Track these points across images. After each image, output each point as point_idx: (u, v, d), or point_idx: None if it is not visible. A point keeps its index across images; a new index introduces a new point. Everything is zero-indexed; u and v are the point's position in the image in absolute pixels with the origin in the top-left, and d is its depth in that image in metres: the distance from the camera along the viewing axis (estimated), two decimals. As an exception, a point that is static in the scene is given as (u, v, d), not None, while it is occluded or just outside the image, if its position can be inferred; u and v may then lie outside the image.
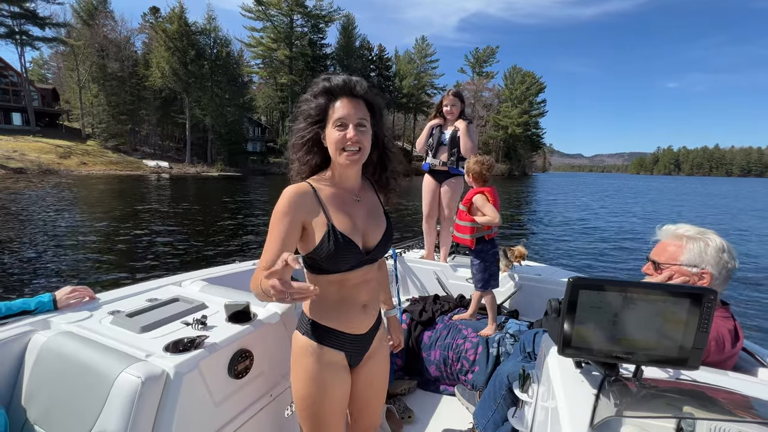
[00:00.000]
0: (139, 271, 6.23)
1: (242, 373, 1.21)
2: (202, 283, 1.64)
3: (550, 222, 14.31)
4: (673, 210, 20.96)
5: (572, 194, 31.81)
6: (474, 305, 2.69)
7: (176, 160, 41.28)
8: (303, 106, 1.08)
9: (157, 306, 1.36)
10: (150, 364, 1.01)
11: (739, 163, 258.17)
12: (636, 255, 8.85)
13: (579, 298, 0.84)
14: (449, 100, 3.05)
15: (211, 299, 1.48)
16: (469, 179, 2.51)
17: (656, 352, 0.84)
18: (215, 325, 1.26)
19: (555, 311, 0.93)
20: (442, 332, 2.55)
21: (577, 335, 0.86)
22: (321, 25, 51.84)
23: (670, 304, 0.83)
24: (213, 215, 12.43)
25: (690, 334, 0.82)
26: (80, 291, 1.37)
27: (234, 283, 1.89)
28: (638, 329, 0.84)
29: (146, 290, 1.56)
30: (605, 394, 0.85)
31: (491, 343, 2.37)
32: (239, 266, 2.19)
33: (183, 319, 1.29)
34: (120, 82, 39.56)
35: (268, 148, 51.79)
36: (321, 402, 1.11)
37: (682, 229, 1.26)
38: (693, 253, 1.19)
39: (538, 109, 73.72)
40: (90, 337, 1.12)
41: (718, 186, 65.36)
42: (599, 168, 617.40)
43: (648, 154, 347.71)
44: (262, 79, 53.98)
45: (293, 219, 1.01)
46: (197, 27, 41.95)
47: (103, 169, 32.26)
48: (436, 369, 2.46)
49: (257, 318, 1.34)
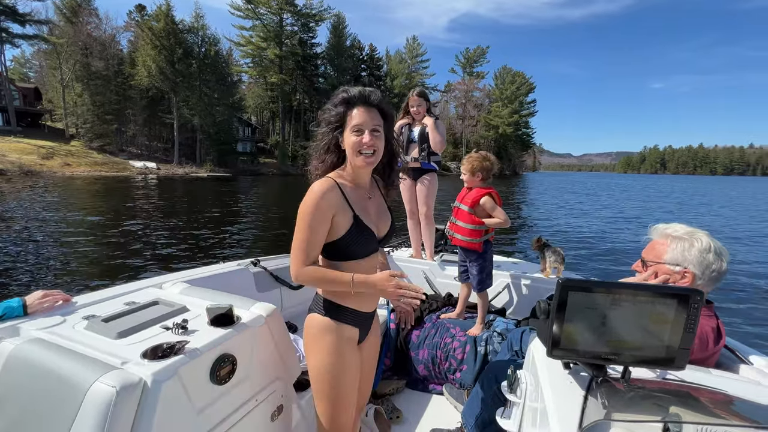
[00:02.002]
0: (118, 274, 6.00)
1: (225, 379, 1.17)
2: (184, 285, 1.58)
3: (540, 220, 14.46)
4: (664, 209, 21.34)
5: (563, 193, 32.15)
6: (462, 304, 2.69)
7: (164, 160, 40.58)
8: (325, 114, 1.21)
9: (135, 310, 1.31)
10: (126, 372, 0.96)
11: (722, 162, 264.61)
12: (626, 254, 8.98)
13: (568, 299, 0.84)
14: (414, 100, 3.10)
15: (192, 302, 1.43)
16: (474, 179, 2.42)
17: (644, 352, 0.85)
18: (197, 330, 1.22)
19: (544, 312, 0.92)
20: (431, 331, 2.55)
21: (565, 337, 0.86)
22: (311, 24, 51.53)
23: (658, 305, 0.83)
24: (199, 216, 12.00)
25: (677, 334, 0.83)
26: (53, 295, 1.30)
27: (217, 284, 1.84)
28: (626, 330, 0.84)
29: (124, 293, 1.50)
30: (593, 396, 0.85)
31: (479, 342, 2.37)
32: (222, 267, 2.12)
33: (163, 323, 1.24)
34: (105, 81, 38.69)
35: (258, 148, 51.30)
36: (342, 375, 1.23)
37: (671, 228, 1.28)
38: (676, 252, 1.22)
39: (528, 109, 74.49)
40: (61, 344, 1.07)
41: (707, 184, 66.80)
42: (588, 167, 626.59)
43: (635, 154, 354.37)
44: (251, 79, 53.45)
45: (325, 212, 1.13)
46: (185, 25, 41.25)
47: (87, 171, 31.54)
48: (425, 368, 2.45)
49: (241, 321, 1.30)
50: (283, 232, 9.80)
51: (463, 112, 71.53)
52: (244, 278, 2.11)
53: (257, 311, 1.38)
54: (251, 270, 2.17)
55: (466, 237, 2.42)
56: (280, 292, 2.31)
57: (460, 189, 2.55)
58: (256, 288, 2.14)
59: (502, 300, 2.99)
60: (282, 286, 2.32)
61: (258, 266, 2.18)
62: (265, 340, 1.37)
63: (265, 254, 2.43)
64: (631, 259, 1.44)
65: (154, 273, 5.20)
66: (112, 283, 2.52)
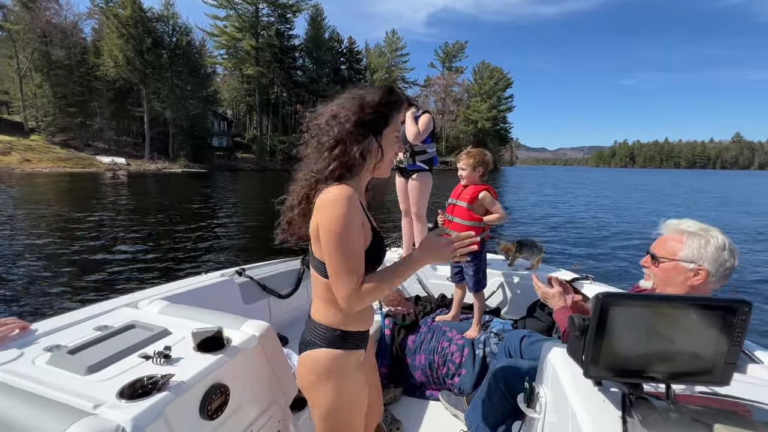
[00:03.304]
0: (86, 292, 5.08)
1: (217, 412, 1.04)
2: (164, 303, 1.42)
3: (525, 214, 14.67)
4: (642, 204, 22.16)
5: (544, 187, 32.92)
6: (457, 306, 2.64)
7: (134, 156, 38.76)
8: (366, 112, 1.05)
9: (108, 336, 1.14)
10: (100, 418, 0.81)
11: (685, 156, 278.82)
12: (614, 245, 9.15)
13: (608, 315, 0.79)
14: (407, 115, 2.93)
15: (175, 323, 1.27)
16: (474, 174, 2.32)
17: (687, 368, 0.81)
18: (182, 357, 1.07)
19: (579, 329, 0.85)
20: (426, 336, 2.49)
21: (604, 355, 0.81)
22: (288, 15, 50.23)
23: (702, 318, 0.79)
24: (176, 217, 11.12)
25: (722, 348, 0.79)
26: (6, 324, 1.11)
27: (201, 299, 1.68)
28: (669, 345, 0.81)
29: (94, 315, 1.32)
30: (631, 415, 0.81)
31: (476, 344, 2.33)
32: (205, 279, 1.95)
33: (141, 351, 1.09)
34: (67, 72, 36.39)
35: (235, 143, 49.84)
36: (356, 406, 1.13)
37: (685, 224, 1.24)
38: (692, 249, 1.18)
39: (506, 104, 75.75)
40: (18, 386, 0.90)
41: (676, 177, 70.20)
42: (562, 161, 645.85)
43: (606, 148, 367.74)
44: (226, 71, 51.69)
45: (359, 219, 1.00)
46: (153, 13, 39.31)
47: (50, 167, 29.69)
48: (422, 374, 2.38)
49: (231, 344, 1.16)
50: (266, 235, 9.24)
51: (442, 107, 71.93)
52: (229, 290, 1.95)
53: (249, 330, 1.25)
54: (236, 280, 2.02)
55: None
56: (268, 302, 2.17)
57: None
58: (242, 300, 1.99)
59: (497, 299, 2.96)
60: (270, 296, 2.19)
61: (243, 276, 2.03)
62: (259, 363, 1.24)
63: (250, 259, 2.28)
64: (631, 251, 1.41)
65: (128, 289, 4.64)
66: (79, 304, 2.23)
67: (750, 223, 13.57)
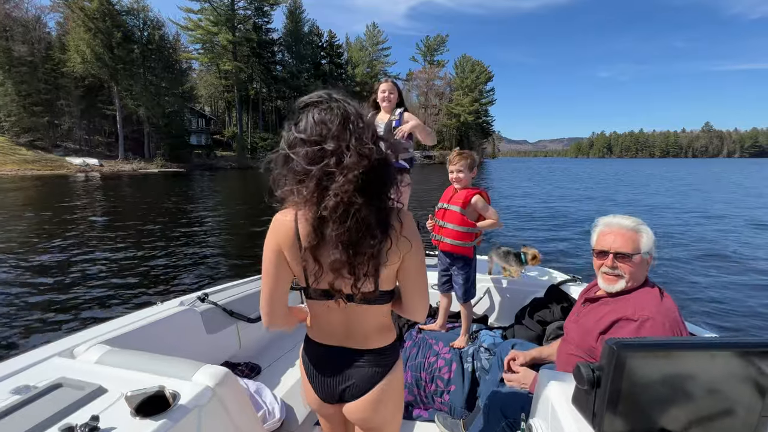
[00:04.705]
0: (16, 335, 3.91)
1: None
2: (104, 348, 1.20)
3: (510, 211, 14.67)
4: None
5: (529, 180, 33.16)
6: (443, 316, 2.53)
7: (108, 156, 37.18)
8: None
9: (26, 402, 0.94)
10: None
11: (659, 146, 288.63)
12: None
13: (625, 367, 0.70)
14: (387, 85, 2.79)
15: (113, 375, 1.07)
16: (470, 175, 2.20)
17: (716, 424, 0.72)
18: (113, 428, 0.88)
19: (589, 383, 0.71)
20: (412, 350, 2.37)
21: (619, 411, 0.72)
22: (265, 8, 48.91)
23: (735, 364, 0.71)
24: (140, 227, 9.45)
25: (757, 400, 0.70)
26: None
27: (156, 336, 1.47)
28: (695, 398, 0.72)
29: (15, 372, 1.10)
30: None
31: (465, 358, 2.23)
32: (160, 310, 1.68)
33: (65, 421, 0.89)
34: (31, 68, 34.43)
35: (214, 140, 48.48)
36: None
37: (626, 219, 1.33)
38: (648, 241, 1.28)
39: (488, 98, 76.39)
40: None
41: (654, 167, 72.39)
42: (542, 153, 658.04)
43: (584, 139, 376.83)
44: (203, 66, 50.03)
45: (273, 243, 0.99)
46: (122, 6, 37.58)
47: (15, 169, 28.14)
48: (409, 393, 2.25)
49: (179, 402, 0.98)
50: (249, 245, 7.80)
51: (425, 101, 71.87)
52: (188, 321, 1.72)
53: (202, 380, 1.07)
54: (198, 308, 1.78)
55: (456, 241, 2.23)
56: (236, 328, 1.95)
57: (447, 181, 2.34)
58: (205, 330, 1.76)
59: (483, 306, 2.86)
60: (238, 321, 1.96)
61: (207, 301, 1.80)
62: (217, 419, 1.06)
63: (225, 278, 2.05)
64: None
65: (65, 330, 3.82)
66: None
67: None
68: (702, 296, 5.41)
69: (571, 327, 1.45)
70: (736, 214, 12.90)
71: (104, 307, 4.71)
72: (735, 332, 4.41)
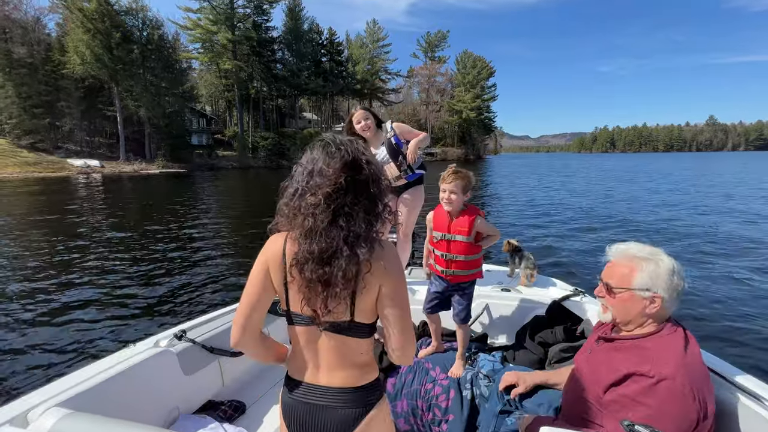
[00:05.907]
0: None
1: None
2: (62, 412, 1.04)
3: (505, 211, 14.50)
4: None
5: (532, 178, 32.77)
6: (437, 338, 2.42)
7: (109, 157, 37.22)
8: None
9: None
10: None
11: (663, 140, 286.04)
12: (601, 239, 8.98)
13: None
14: (360, 114, 2.69)
15: None
16: (465, 197, 2.05)
17: None
18: None
19: None
20: (407, 377, 2.24)
21: None
22: (265, 6, 48.66)
23: None
24: (129, 241, 8.05)
25: None
26: None
27: (125, 389, 1.30)
28: None
29: None
30: None
31: (463, 384, 2.11)
32: (130, 355, 1.47)
33: None
34: (31, 70, 34.42)
35: (215, 140, 48.43)
36: None
37: (633, 249, 1.18)
38: (645, 276, 1.12)
39: (490, 93, 75.80)
40: None
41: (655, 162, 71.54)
42: (545, 148, 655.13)
43: (587, 134, 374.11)
44: (203, 65, 49.94)
45: (261, 264, 1.04)
46: (121, 6, 37.46)
47: (16, 172, 28.19)
48: (405, 422, 2.13)
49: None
50: (244, 260, 6.66)
51: (426, 97, 71.45)
52: (165, 363, 1.55)
53: None
54: (174, 349, 1.60)
55: (471, 270, 2.15)
56: (218, 364, 1.79)
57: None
58: (183, 371, 1.59)
59: (482, 323, 2.73)
60: (220, 357, 1.80)
61: (184, 339, 1.63)
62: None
63: (212, 302, 1.88)
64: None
65: (22, 387, 2.95)
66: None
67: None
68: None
69: (582, 365, 1.31)
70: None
71: (66, 353, 3.58)
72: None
